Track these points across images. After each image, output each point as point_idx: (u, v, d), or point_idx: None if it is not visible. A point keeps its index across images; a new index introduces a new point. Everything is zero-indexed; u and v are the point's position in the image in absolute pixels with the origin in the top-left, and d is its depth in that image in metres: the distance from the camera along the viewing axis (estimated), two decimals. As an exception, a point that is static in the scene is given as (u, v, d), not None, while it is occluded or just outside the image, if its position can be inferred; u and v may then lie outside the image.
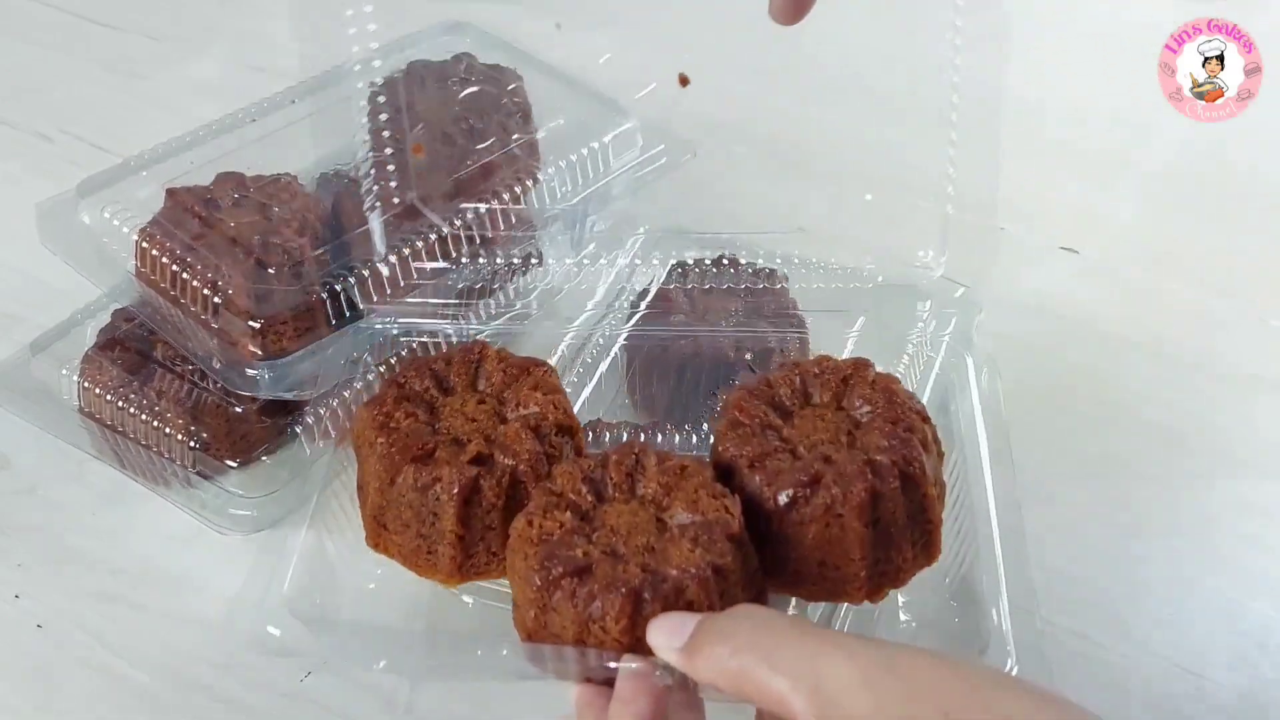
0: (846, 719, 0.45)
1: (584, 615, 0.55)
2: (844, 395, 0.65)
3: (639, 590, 0.54)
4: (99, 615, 0.71)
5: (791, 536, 0.60)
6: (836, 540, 0.59)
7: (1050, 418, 0.84)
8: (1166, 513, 0.78)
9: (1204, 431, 0.84)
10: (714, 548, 0.56)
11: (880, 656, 0.47)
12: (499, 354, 0.68)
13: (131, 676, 0.68)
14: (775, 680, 0.47)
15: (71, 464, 0.78)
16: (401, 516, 0.63)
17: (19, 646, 0.70)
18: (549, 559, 0.56)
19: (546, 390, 0.66)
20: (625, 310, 0.82)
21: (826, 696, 0.46)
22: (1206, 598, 0.74)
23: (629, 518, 0.58)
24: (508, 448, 0.63)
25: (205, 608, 0.72)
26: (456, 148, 0.79)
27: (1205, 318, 0.93)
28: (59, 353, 0.80)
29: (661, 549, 0.57)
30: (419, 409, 0.65)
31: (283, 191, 0.76)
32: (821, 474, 0.60)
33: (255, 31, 1.20)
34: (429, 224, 0.75)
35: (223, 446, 0.75)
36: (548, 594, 0.56)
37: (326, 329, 0.73)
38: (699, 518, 0.58)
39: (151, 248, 0.74)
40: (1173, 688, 0.69)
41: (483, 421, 0.65)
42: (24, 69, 1.15)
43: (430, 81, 0.84)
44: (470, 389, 0.67)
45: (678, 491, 0.59)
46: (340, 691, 0.68)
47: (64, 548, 0.75)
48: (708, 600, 0.55)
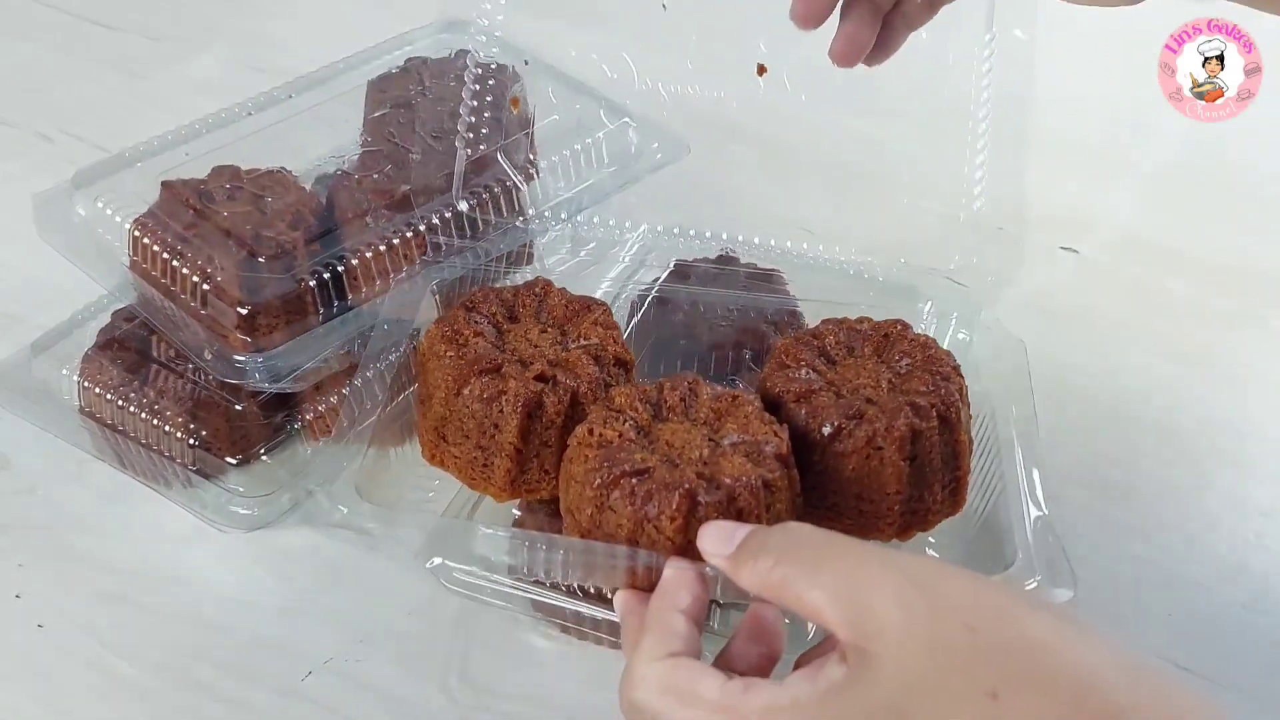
0: (877, 630, 0.47)
1: (640, 514, 0.57)
2: (885, 350, 0.68)
3: (694, 492, 0.57)
4: (99, 615, 0.71)
5: (831, 468, 0.63)
6: (875, 473, 0.63)
7: (1049, 418, 0.84)
8: (1167, 513, 0.79)
9: (1204, 431, 0.84)
10: (764, 463, 0.59)
11: (915, 572, 0.48)
12: (562, 291, 0.72)
13: (131, 676, 0.68)
14: (813, 592, 0.49)
15: (71, 464, 0.78)
16: (464, 427, 0.66)
17: (19, 646, 0.70)
18: (610, 459, 0.59)
19: (607, 325, 0.70)
20: (625, 310, 0.82)
21: (859, 608, 0.47)
22: (1207, 598, 0.74)
23: (684, 435, 0.61)
24: (570, 370, 0.66)
25: (205, 608, 0.72)
26: (451, 143, 0.80)
27: (1205, 317, 0.93)
28: (59, 353, 0.80)
29: (714, 461, 0.59)
30: (487, 329, 0.69)
31: (277, 185, 0.77)
32: (864, 410, 0.63)
33: (255, 31, 1.20)
34: (421, 215, 0.76)
35: (223, 444, 0.75)
36: (606, 493, 0.58)
37: (316, 319, 0.73)
38: (750, 438, 0.61)
39: (144, 237, 0.74)
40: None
41: (545, 348, 0.68)
42: (24, 69, 1.15)
43: (428, 77, 0.84)
44: (534, 319, 0.71)
45: (729, 417, 0.62)
46: (340, 691, 0.68)
47: (64, 548, 0.75)
48: (757, 510, 0.58)
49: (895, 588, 0.47)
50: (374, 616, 0.71)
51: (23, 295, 0.89)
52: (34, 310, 0.85)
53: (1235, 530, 0.78)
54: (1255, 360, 0.89)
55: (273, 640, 0.70)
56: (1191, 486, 0.80)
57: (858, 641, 0.47)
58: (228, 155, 0.78)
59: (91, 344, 0.78)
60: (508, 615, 0.70)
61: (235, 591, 0.73)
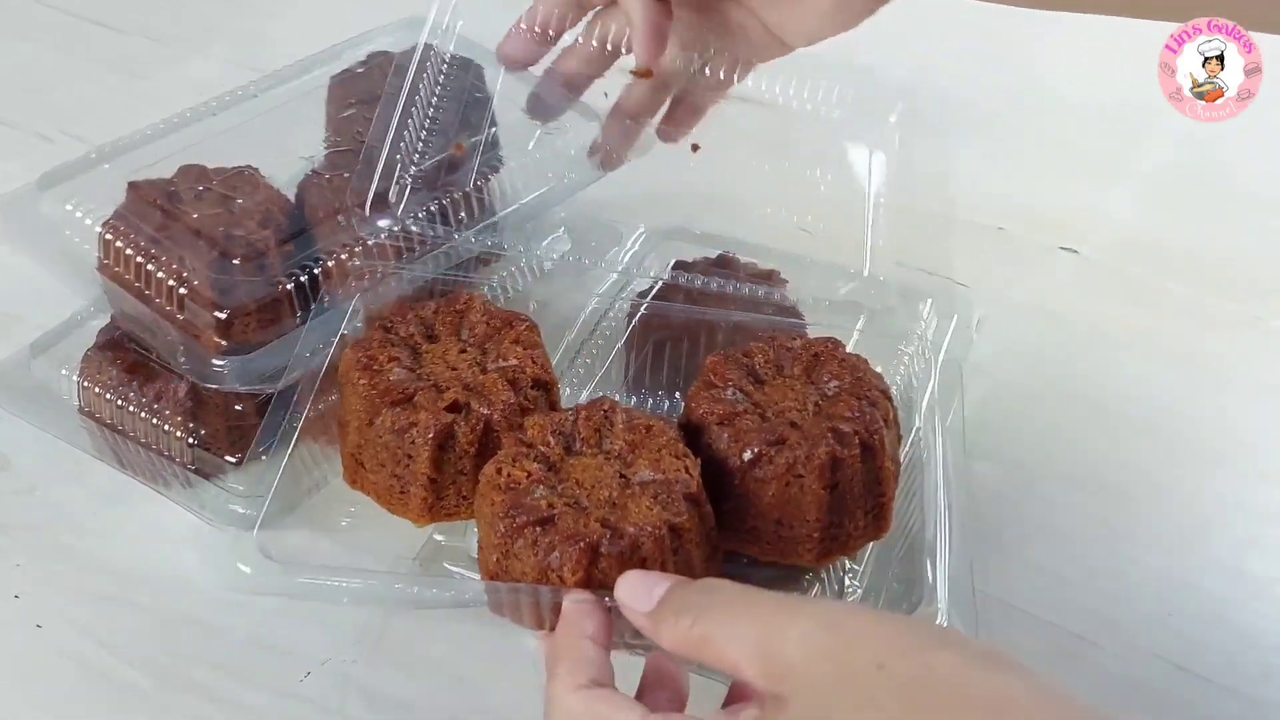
0: (788, 673, 0.47)
1: (543, 564, 0.57)
2: (814, 370, 0.68)
3: (596, 545, 0.57)
4: (98, 615, 0.71)
5: (752, 493, 0.63)
6: (795, 500, 0.62)
7: (1048, 418, 0.84)
8: (1163, 514, 0.78)
9: (1202, 433, 0.84)
10: (671, 506, 0.59)
11: (824, 616, 0.49)
12: (485, 305, 0.71)
13: (130, 677, 0.68)
14: (732, 646, 0.49)
15: (71, 464, 0.78)
16: (378, 456, 0.66)
17: (18, 646, 0.70)
18: (514, 507, 0.59)
19: (527, 345, 0.68)
20: (625, 311, 0.82)
21: (770, 655, 0.48)
22: (1203, 600, 0.74)
23: (594, 471, 0.61)
24: (484, 397, 0.66)
25: (205, 608, 0.72)
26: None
27: (1204, 318, 0.93)
28: (59, 353, 0.80)
29: (623, 504, 0.59)
30: (402, 353, 0.68)
31: (245, 184, 0.76)
32: (786, 435, 0.63)
33: (255, 31, 1.20)
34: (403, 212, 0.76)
35: (222, 444, 0.76)
36: (510, 540, 0.58)
37: (291, 321, 0.73)
38: (660, 476, 0.61)
39: (116, 240, 0.74)
40: (1169, 689, 0.69)
41: (463, 370, 0.67)
42: (24, 69, 1.15)
43: (391, 74, 0.84)
44: (454, 337, 0.70)
45: (642, 449, 0.62)
46: (340, 691, 0.68)
47: (63, 548, 0.75)
48: (661, 557, 0.58)
49: (802, 630, 0.48)
50: (372, 617, 0.71)
51: (23, 295, 0.89)
52: (34, 310, 0.85)
53: (1234, 531, 0.78)
54: (1255, 360, 0.89)
55: (271, 641, 0.70)
56: (1190, 488, 0.80)
57: (771, 688, 0.48)
58: (194, 155, 0.78)
59: (91, 344, 0.78)
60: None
61: (234, 592, 0.73)
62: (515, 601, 0.59)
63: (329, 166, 0.79)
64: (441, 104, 0.79)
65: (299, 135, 0.82)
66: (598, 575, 0.57)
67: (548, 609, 0.57)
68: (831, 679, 0.46)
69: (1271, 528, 0.78)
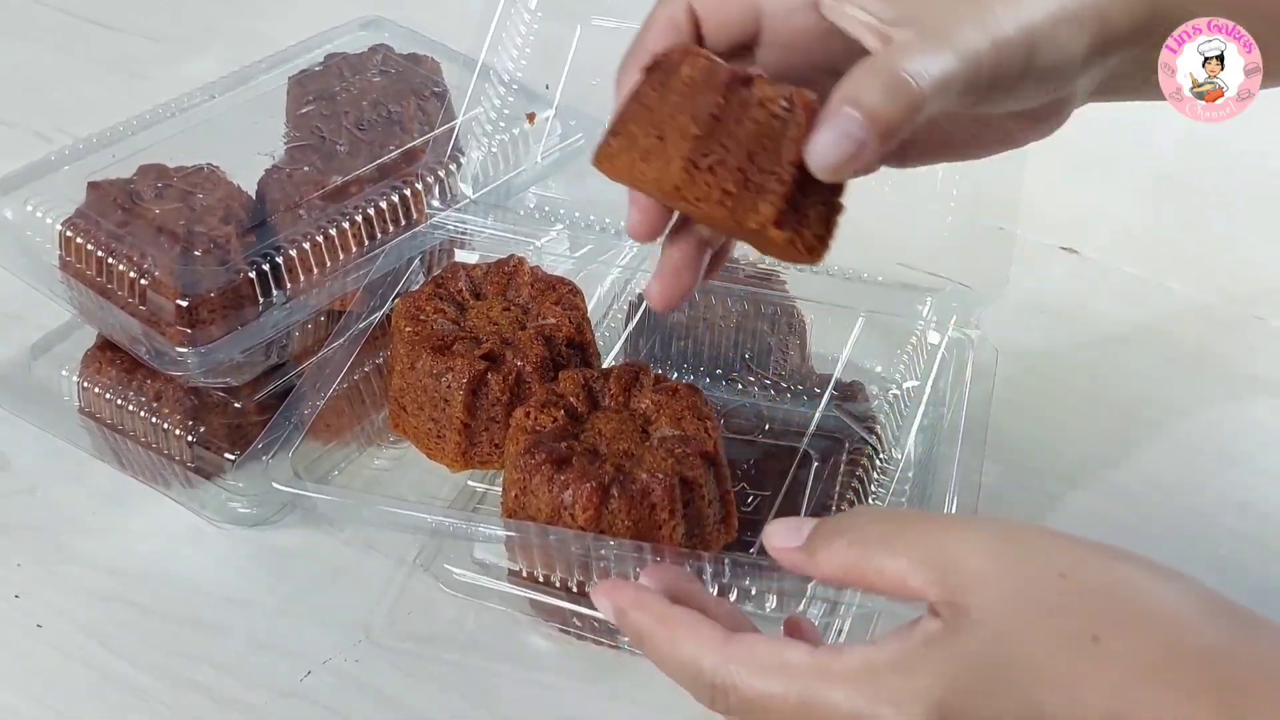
0: (967, 581, 0.46)
1: (557, 500, 0.60)
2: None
3: (608, 486, 0.59)
4: (98, 615, 0.71)
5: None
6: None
7: (1049, 418, 0.84)
8: (1166, 513, 0.78)
9: (1203, 431, 0.84)
10: (686, 460, 0.61)
11: (997, 529, 0.48)
12: (533, 270, 0.73)
13: (130, 677, 0.68)
14: (894, 561, 0.47)
15: (71, 464, 0.78)
16: (417, 400, 0.69)
17: (18, 646, 0.70)
18: (535, 446, 0.61)
19: (567, 306, 0.71)
20: (624, 313, 0.82)
21: (944, 566, 0.46)
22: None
23: (616, 425, 0.64)
24: (519, 350, 0.68)
25: (206, 607, 0.72)
26: (377, 134, 0.82)
27: (1205, 317, 0.93)
28: (59, 353, 0.80)
29: (639, 455, 0.62)
30: (448, 306, 0.71)
31: (206, 181, 0.78)
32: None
33: (255, 31, 1.20)
34: (354, 205, 0.79)
35: (222, 442, 0.76)
36: (529, 476, 0.61)
37: (254, 309, 0.74)
38: (679, 433, 0.63)
39: (76, 236, 0.75)
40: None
41: (503, 326, 0.71)
42: (24, 69, 1.15)
43: (348, 72, 0.87)
44: (500, 296, 0.73)
45: (666, 409, 0.64)
46: (340, 691, 0.68)
47: (63, 548, 0.75)
48: (670, 507, 0.60)
49: (980, 541, 0.47)
50: (373, 616, 0.71)
51: (23, 295, 0.88)
52: (34, 310, 0.84)
53: (1235, 530, 0.78)
54: (1254, 360, 0.89)
55: (272, 640, 0.70)
56: (1191, 487, 0.80)
57: (948, 596, 0.46)
58: (153, 155, 0.79)
59: (91, 344, 0.78)
60: (507, 616, 0.70)
61: (234, 591, 0.73)
62: (526, 544, 0.61)
63: (289, 161, 0.80)
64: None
65: (258, 133, 0.84)
66: (607, 516, 0.59)
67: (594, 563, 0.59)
68: (1014, 586, 0.45)
69: (1273, 526, 0.78)
